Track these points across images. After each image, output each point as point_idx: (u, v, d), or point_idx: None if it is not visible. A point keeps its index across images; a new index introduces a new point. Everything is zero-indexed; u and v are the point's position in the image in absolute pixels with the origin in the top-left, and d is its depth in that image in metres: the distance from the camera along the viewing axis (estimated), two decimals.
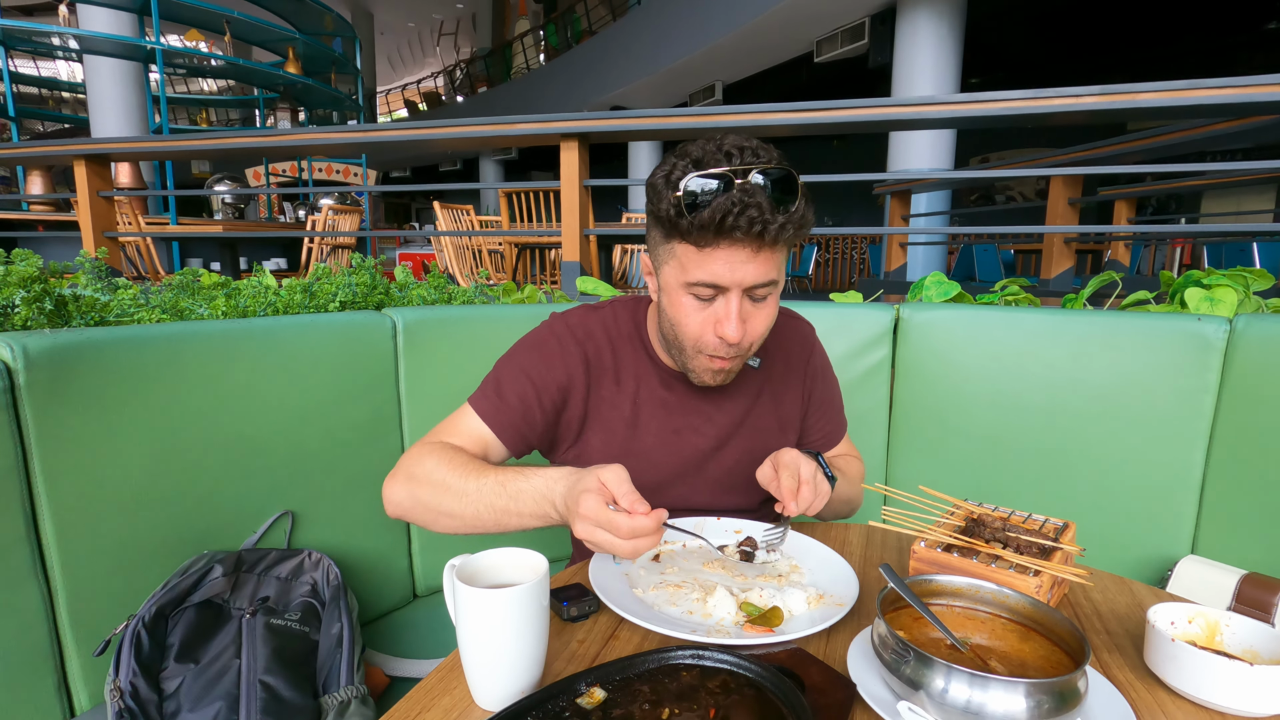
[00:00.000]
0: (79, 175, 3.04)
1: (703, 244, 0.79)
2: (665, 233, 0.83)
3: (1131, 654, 0.66)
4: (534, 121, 2.54)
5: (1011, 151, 11.57)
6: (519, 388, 0.93)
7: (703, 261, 0.80)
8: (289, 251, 6.75)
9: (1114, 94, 1.92)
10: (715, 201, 0.76)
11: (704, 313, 0.84)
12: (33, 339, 0.85)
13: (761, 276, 0.80)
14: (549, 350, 0.95)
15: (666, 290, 0.87)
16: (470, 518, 0.81)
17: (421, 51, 23.33)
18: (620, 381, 0.96)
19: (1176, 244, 7.49)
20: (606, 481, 0.68)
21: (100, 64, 7.60)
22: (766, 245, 0.78)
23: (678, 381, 0.97)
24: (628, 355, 0.98)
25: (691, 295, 0.83)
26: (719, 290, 0.81)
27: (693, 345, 0.87)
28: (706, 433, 0.98)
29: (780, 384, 1.03)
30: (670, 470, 0.97)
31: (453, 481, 0.82)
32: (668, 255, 0.84)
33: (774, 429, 1.02)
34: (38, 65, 12.18)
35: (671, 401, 0.97)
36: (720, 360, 0.87)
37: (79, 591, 0.89)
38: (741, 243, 0.77)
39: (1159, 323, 1.27)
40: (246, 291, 1.39)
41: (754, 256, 0.79)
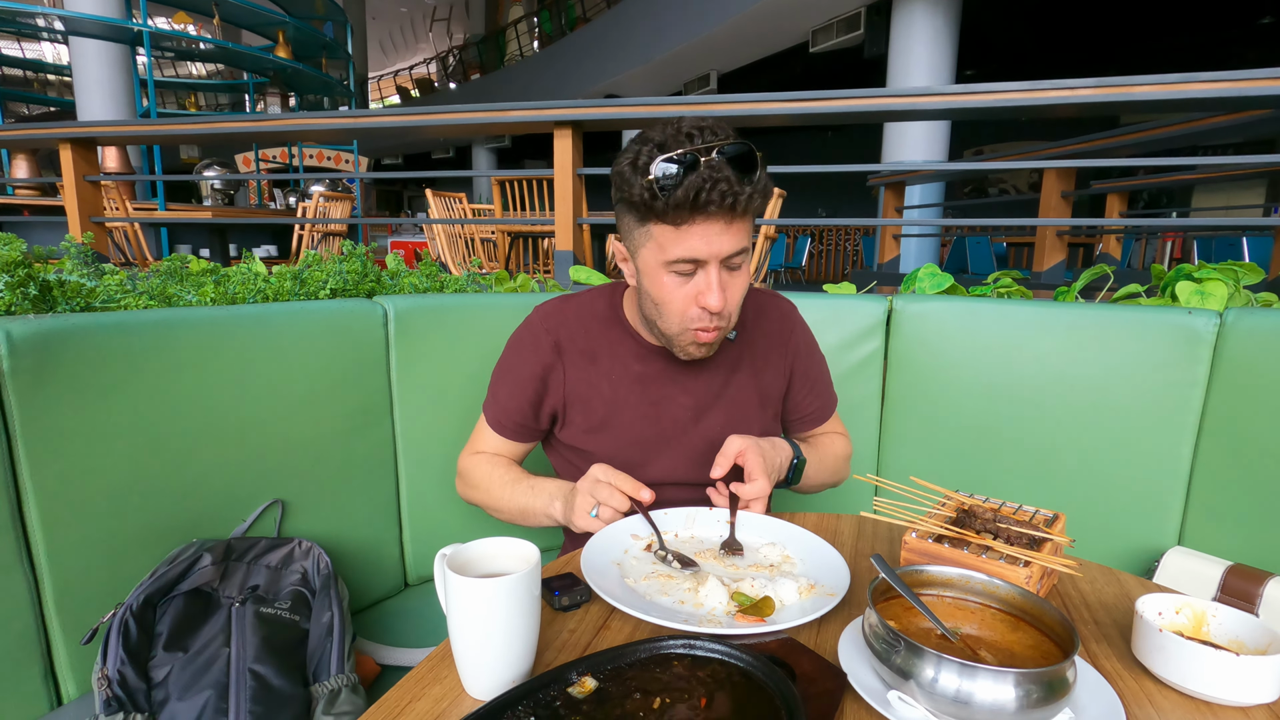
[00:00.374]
0: (65, 159, 3.00)
1: (679, 222, 0.83)
2: (640, 217, 0.87)
3: (1119, 644, 0.66)
4: (528, 109, 2.52)
5: (1005, 144, 11.57)
6: (508, 387, 1.05)
7: (680, 238, 0.84)
8: (279, 238, 6.70)
9: (1109, 86, 1.92)
10: (686, 181, 0.80)
11: (685, 288, 0.88)
12: (17, 324, 0.84)
13: (735, 246, 0.85)
14: (524, 345, 1.04)
15: (646, 273, 0.90)
16: (506, 514, 1.04)
17: (414, 37, 23.09)
18: (596, 360, 1.02)
19: (1167, 238, 7.53)
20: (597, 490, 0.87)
21: (86, 46, 7.47)
22: (738, 216, 0.84)
23: (655, 356, 1.02)
24: (602, 336, 1.03)
25: (672, 273, 0.87)
26: (698, 264, 0.86)
27: (679, 322, 0.91)
28: (684, 403, 1.02)
29: (761, 359, 1.06)
30: (651, 442, 1.01)
31: (494, 489, 1.04)
32: (644, 238, 0.88)
33: (753, 402, 1.05)
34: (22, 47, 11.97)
35: (649, 375, 1.01)
36: (706, 332, 0.91)
37: (66, 580, 0.88)
38: (715, 216, 0.82)
39: (1150, 316, 1.27)
40: (236, 278, 1.37)
41: (727, 228, 0.84)
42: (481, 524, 1.37)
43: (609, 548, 0.81)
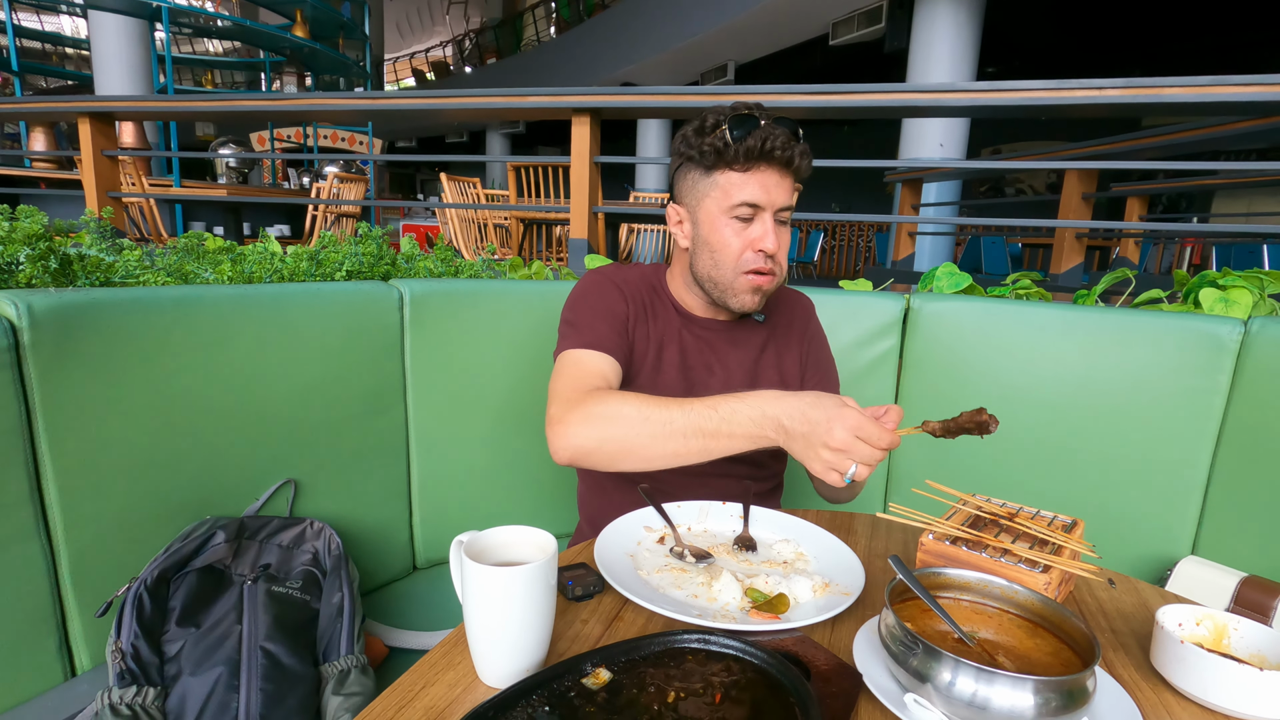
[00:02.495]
0: (83, 133, 3.01)
1: (747, 167, 0.95)
2: (708, 168, 0.97)
3: (1137, 653, 0.66)
4: (546, 95, 2.51)
5: (1022, 144, 11.45)
6: (603, 317, 1.03)
7: (745, 183, 0.95)
8: (292, 218, 6.71)
9: (1138, 88, 1.89)
10: (754, 132, 0.93)
11: (742, 236, 0.97)
12: (38, 297, 0.84)
13: (787, 199, 0.97)
14: (604, 290, 1.07)
15: (707, 223, 0.99)
16: (667, 449, 0.81)
17: (430, 20, 22.99)
18: (649, 321, 1.07)
19: (1186, 243, 7.44)
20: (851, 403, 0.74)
21: (105, 20, 7.48)
22: (790, 171, 0.96)
23: (694, 329, 1.08)
24: (653, 301, 1.09)
25: (733, 218, 0.97)
26: (756, 210, 0.96)
27: (734, 266, 0.98)
28: (717, 374, 1.07)
29: (783, 343, 1.13)
30: None
31: (651, 413, 0.82)
32: (709, 188, 0.98)
33: (776, 382, 1.09)
34: (41, 19, 12.00)
35: (689, 343, 1.07)
36: (760, 274, 0.98)
37: (81, 553, 0.88)
38: (775, 165, 0.95)
39: (1172, 322, 1.26)
40: (252, 257, 1.37)
41: (782, 180, 0.96)
42: (493, 509, 1.38)
43: (622, 539, 0.81)
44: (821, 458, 0.72)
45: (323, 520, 1.06)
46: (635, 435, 0.82)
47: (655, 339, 1.07)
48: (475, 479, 1.36)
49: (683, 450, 0.81)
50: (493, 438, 1.36)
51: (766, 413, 0.77)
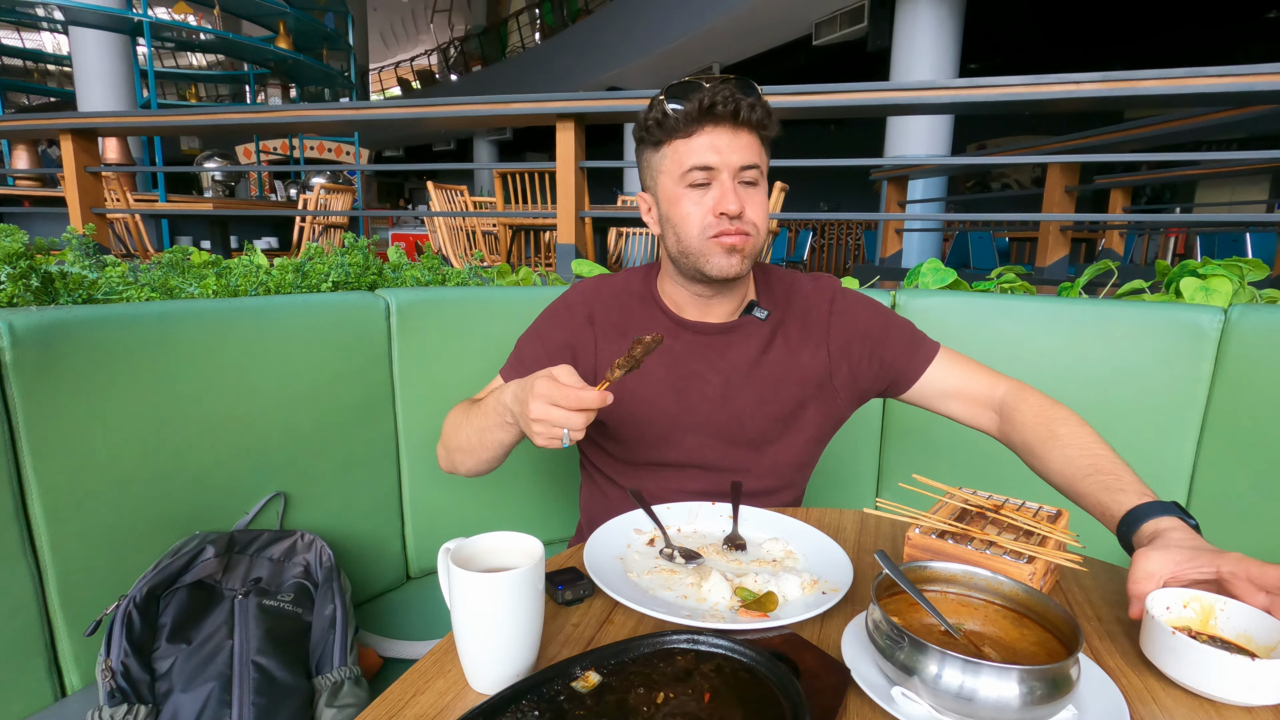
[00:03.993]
0: (66, 150, 2.99)
1: (690, 132, 0.91)
2: (656, 142, 0.95)
3: (1123, 640, 0.66)
4: (530, 101, 2.51)
5: (1008, 139, 11.53)
6: (534, 351, 1.05)
7: (693, 148, 0.91)
8: (280, 231, 6.68)
9: (1114, 81, 1.91)
10: (692, 97, 0.90)
11: (704, 201, 0.93)
12: (19, 316, 0.84)
13: (746, 158, 0.91)
14: (558, 315, 1.07)
15: (668, 198, 0.96)
16: (470, 446, 0.94)
17: (415, 28, 22.98)
18: (627, 335, 1.04)
19: (1170, 233, 7.52)
20: (556, 374, 0.75)
21: (86, 36, 7.45)
22: (743, 126, 0.91)
23: (686, 332, 1.03)
24: (636, 311, 1.06)
25: (689, 186, 0.93)
26: (711, 173, 0.92)
27: (699, 234, 0.93)
28: (713, 380, 1.02)
29: (796, 339, 1.03)
30: (680, 418, 1.01)
31: (458, 420, 0.97)
32: (661, 161, 0.95)
33: (788, 380, 1.02)
34: (22, 36, 11.92)
35: (678, 350, 1.03)
36: (728, 235, 0.92)
37: (69, 572, 0.88)
38: (721, 123, 0.90)
39: (1154, 312, 1.27)
40: (238, 270, 1.37)
41: (734, 138, 0.91)
42: (484, 516, 1.38)
43: (612, 543, 0.81)
44: (535, 430, 0.75)
45: (314, 532, 1.06)
46: (453, 440, 0.97)
47: None
48: (467, 487, 1.35)
49: (475, 445, 0.93)
50: None
51: (501, 401, 0.84)
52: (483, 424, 0.90)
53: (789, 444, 1.04)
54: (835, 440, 1.45)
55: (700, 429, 1.01)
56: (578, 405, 0.72)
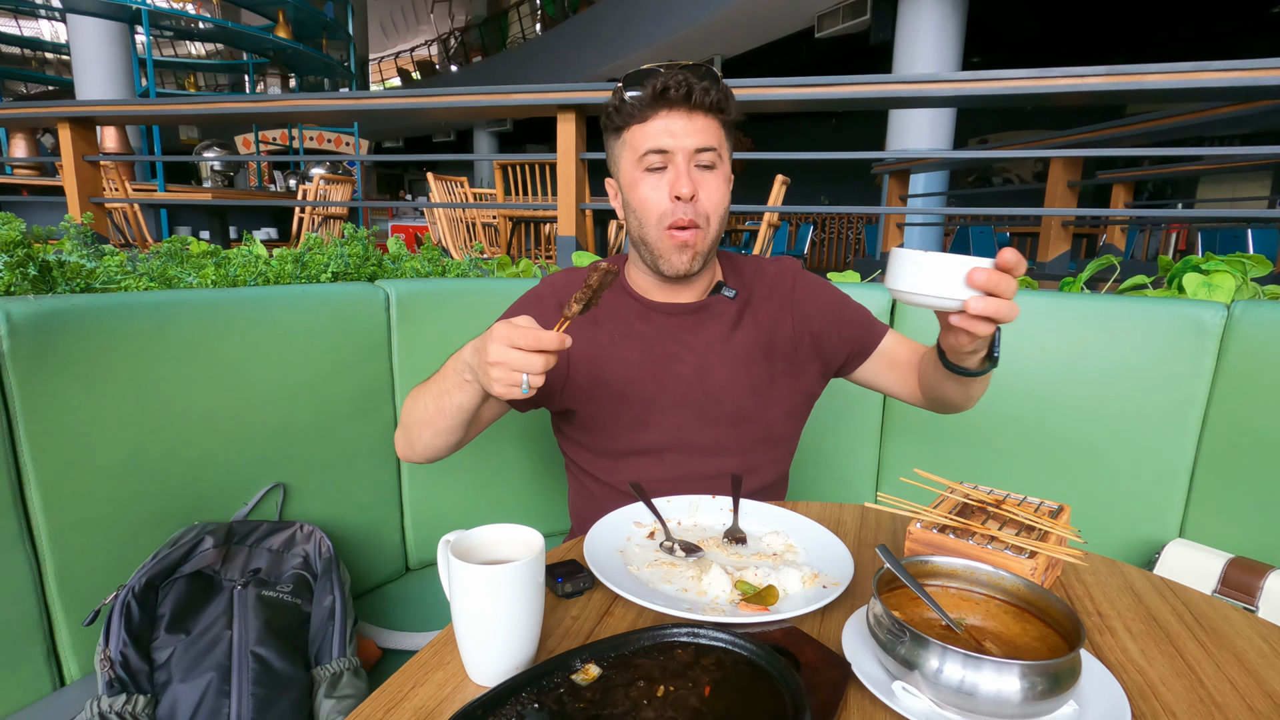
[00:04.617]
0: (64, 139, 2.97)
1: (645, 117, 0.93)
2: (617, 129, 0.97)
3: (1123, 636, 0.66)
4: (531, 92, 2.50)
5: (1010, 133, 11.49)
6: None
7: (648, 132, 0.93)
8: (279, 221, 6.66)
9: (1119, 75, 1.90)
10: (647, 80, 0.92)
11: (660, 185, 0.95)
12: (16, 305, 0.83)
13: (701, 141, 0.93)
14: (529, 303, 1.06)
15: (627, 183, 0.98)
16: (428, 417, 0.90)
17: (415, 18, 22.85)
18: (599, 323, 1.04)
19: (1172, 229, 7.50)
20: (515, 320, 0.74)
21: (84, 24, 7.39)
22: (697, 110, 0.92)
23: (656, 314, 1.04)
24: (606, 298, 1.06)
25: (646, 171, 0.95)
26: (667, 156, 0.93)
27: (656, 218, 0.96)
28: (687, 360, 1.03)
29: (763, 315, 1.07)
30: (656, 399, 1.02)
31: (415, 395, 0.94)
32: (621, 148, 0.98)
33: (756, 355, 1.04)
34: (19, 24, 11.84)
35: (650, 333, 1.04)
36: (683, 230, 0.94)
37: (67, 561, 0.88)
38: (675, 107, 0.92)
39: (1156, 307, 1.27)
40: (236, 260, 1.36)
41: (689, 121, 0.92)
42: (485, 509, 1.37)
43: (612, 535, 0.81)
44: (493, 377, 0.73)
45: (313, 523, 1.06)
46: (410, 417, 0.94)
47: (608, 336, 1.04)
48: (467, 479, 1.35)
49: (433, 416, 0.89)
50: (483, 436, 1.35)
51: (460, 358, 0.82)
52: (440, 388, 0.87)
53: (766, 419, 1.05)
54: (836, 435, 1.45)
55: (678, 408, 1.02)
56: (535, 345, 0.71)
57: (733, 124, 0.98)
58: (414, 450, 0.97)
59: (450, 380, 0.84)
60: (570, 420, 1.08)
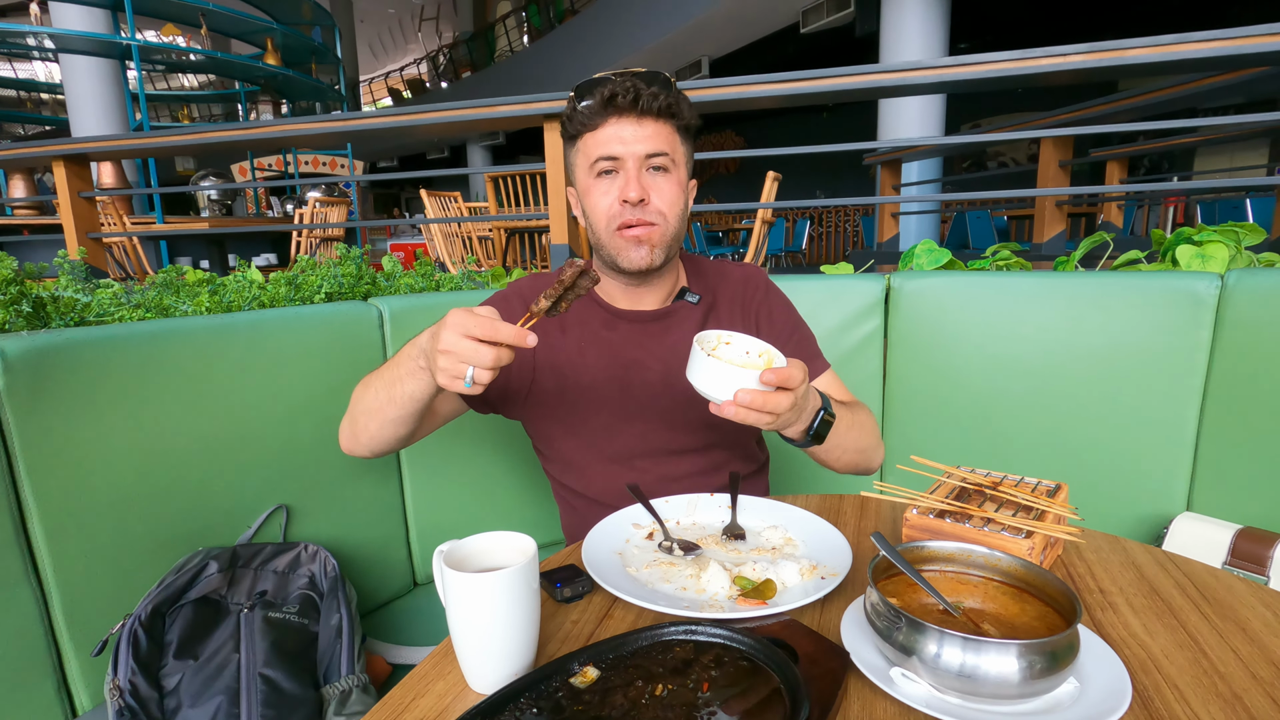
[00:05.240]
0: (58, 176, 3.00)
1: (596, 124, 0.94)
2: (571, 136, 0.98)
3: (1124, 611, 0.66)
4: (517, 103, 2.50)
5: (1002, 116, 11.45)
6: None
7: (599, 140, 0.94)
8: (278, 246, 6.70)
9: (1102, 51, 1.89)
10: (598, 91, 0.93)
11: (610, 191, 0.95)
12: (10, 341, 0.84)
13: (650, 147, 0.93)
14: (495, 306, 1.02)
15: (582, 189, 0.99)
16: (377, 405, 0.86)
17: (403, 38, 22.99)
18: (565, 330, 1.04)
19: (1170, 203, 7.46)
20: (476, 309, 0.71)
21: (77, 63, 7.47)
22: (647, 115, 0.93)
23: (622, 322, 1.04)
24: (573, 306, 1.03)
25: (597, 176, 0.96)
26: (617, 163, 0.94)
27: (607, 222, 0.96)
28: (653, 366, 1.03)
29: (725, 319, 1.08)
30: (624, 406, 1.02)
31: (366, 382, 0.91)
32: (576, 156, 0.98)
33: None
34: (14, 67, 11.97)
35: (616, 340, 1.03)
36: (631, 227, 0.95)
37: (73, 593, 0.88)
38: (625, 114, 0.93)
39: (1150, 281, 1.26)
40: (231, 286, 1.37)
41: (638, 127, 0.93)
42: (488, 521, 1.37)
43: (610, 538, 0.81)
44: (440, 366, 0.70)
45: (318, 543, 1.06)
46: (356, 407, 0.92)
47: (575, 343, 1.03)
48: (470, 492, 1.36)
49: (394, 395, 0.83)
50: (485, 449, 1.36)
51: (416, 344, 0.78)
52: (393, 375, 0.82)
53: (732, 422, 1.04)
54: None
55: (645, 416, 1.02)
56: (491, 336, 0.67)
57: (689, 128, 0.98)
58: (358, 441, 0.93)
59: (404, 367, 0.80)
60: (541, 433, 1.08)
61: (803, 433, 0.83)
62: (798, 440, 0.85)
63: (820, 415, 0.83)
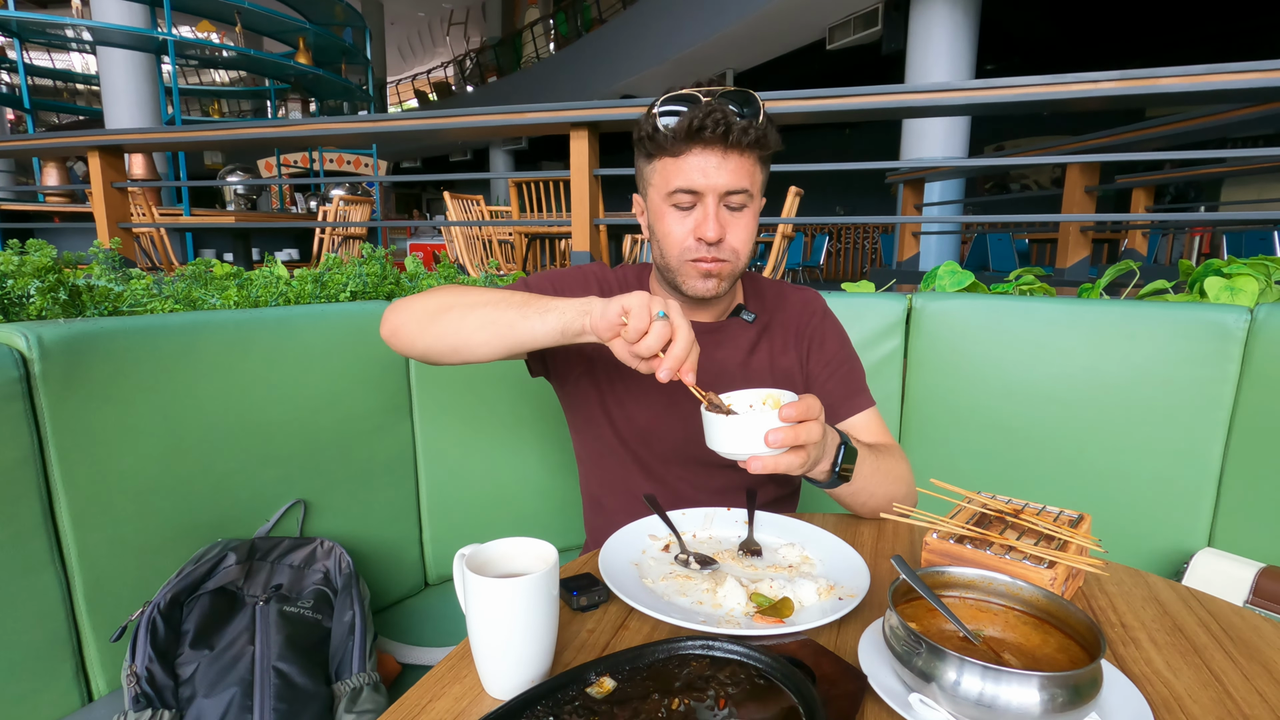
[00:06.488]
0: (93, 166, 3.06)
1: (678, 152, 0.89)
2: (648, 155, 0.94)
3: (1147, 647, 0.65)
4: (544, 110, 2.53)
5: (1026, 140, 11.40)
6: (546, 291, 1.00)
7: (679, 168, 0.90)
8: (301, 242, 6.78)
9: (1134, 79, 1.88)
10: (686, 112, 0.88)
11: (686, 222, 0.92)
12: (47, 328, 0.86)
13: (733, 182, 0.89)
14: (573, 277, 1.05)
15: (653, 212, 0.96)
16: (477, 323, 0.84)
17: (431, 41, 23.28)
18: None
19: (1195, 232, 7.37)
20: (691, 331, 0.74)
21: (113, 55, 7.63)
22: (733, 149, 0.88)
23: None
24: None
25: (673, 207, 0.92)
26: (696, 196, 0.90)
27: (678, 254, 0.94)
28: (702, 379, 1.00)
29: (779, 344, 1.07)
30: (667, 417, 1.02)
31: (466, 291, 0.88)
32: (651, 175, 0.94)
33: (769, 382, 1.03)
34: (52, 57, 12.25)
35: None
36: (704, 262, 0.92)
37: (95, 578, 0.90)
38: (711, 145, 0.88)
39: (1178, 312, 1.25)
40: (258, 281, 1.39)
41: (723, 160, 0.88)
42: (502, 524, 1.38)
43: (627, 549, 0.81)
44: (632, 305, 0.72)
45: (333, 539, 1.07)
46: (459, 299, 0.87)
47: None
48: (484, 494, 1.36)
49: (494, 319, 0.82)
50: (500, 451, 1.37)
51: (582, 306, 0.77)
52: (534, 309, 0.79)
53: None
54: None
55: (686, 426, 1.01)
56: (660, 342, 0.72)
57: (770, 156, 0.95)
58: (421, 333, 0.88)
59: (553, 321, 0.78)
60: (582, 419, 1.07)
61: (828, 471, 0.83)
62: (824, 480, 0.85)
63: (841, 448, 0.84)
